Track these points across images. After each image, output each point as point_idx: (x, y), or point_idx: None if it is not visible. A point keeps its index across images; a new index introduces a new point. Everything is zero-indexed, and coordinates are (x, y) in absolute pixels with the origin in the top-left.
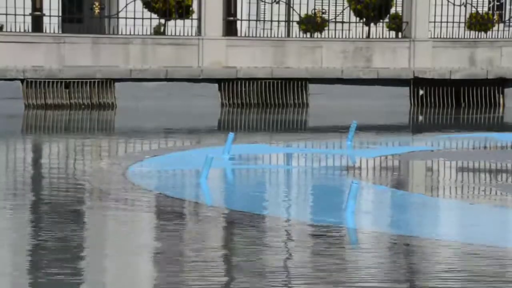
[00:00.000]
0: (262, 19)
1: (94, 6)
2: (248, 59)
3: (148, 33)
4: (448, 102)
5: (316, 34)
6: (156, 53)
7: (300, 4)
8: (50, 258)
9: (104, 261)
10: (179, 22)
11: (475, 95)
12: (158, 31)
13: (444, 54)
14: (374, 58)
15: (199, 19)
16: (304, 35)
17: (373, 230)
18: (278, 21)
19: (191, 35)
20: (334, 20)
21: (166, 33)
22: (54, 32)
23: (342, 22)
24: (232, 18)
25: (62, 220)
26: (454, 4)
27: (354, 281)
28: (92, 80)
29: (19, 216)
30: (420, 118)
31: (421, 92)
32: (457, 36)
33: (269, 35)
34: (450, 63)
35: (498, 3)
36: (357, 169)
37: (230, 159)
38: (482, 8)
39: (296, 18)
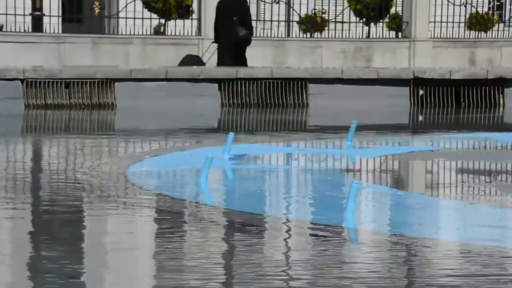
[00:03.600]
0: (262, 19)
1: (94, 6)
2: (248, 59)
3: (148, 33)
4: (448, 102)
5: (316, 34)
6: (156, 53)
7: (300, 4)
8: (48, 258)
9: (103, 261)
10: (179, 22)
11: (475, 95)
12: (158, 31)
13: (444, 54)
14: (374, 58)
15: (199, 19)
16: (304, 35)
17: (373, 229)
18: (278, 21)
19: (191, 35)
20: (334, 20)
21: (166, 33)
22: (54, 32)
23: (342, 22)
24: None
25: (61, 219)
26: (454, 4)
27: (354, 281)
28: (92, 80)
29: (18, 215)
30: (420, 118)
31: (421, 92)
32: (457, 36)
33: (269, 35)
34: (450, 63)
35: (498, 3)
36: (357, 169)
37: (230, 159)
38: (482, 8)
39: (296, 18)
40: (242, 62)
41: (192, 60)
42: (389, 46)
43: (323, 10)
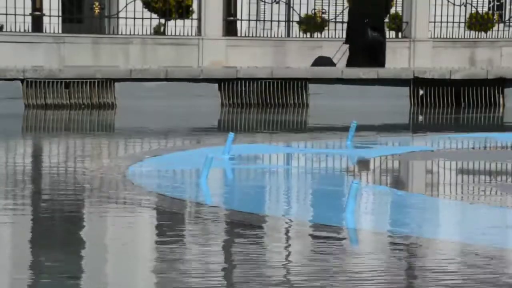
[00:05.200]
0: (262, 19)
1: (94, 6)
2: (248, 59)
3: (148, 33)
4: (448, 102)
5: (316, 34)
6: (156, 53)
7: (300, 4)
8: (48, 258)
9: (103, 260)
10: (179, 22)
11: (475, 95)
12: (158, 31)
13: (444, 54)
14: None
15: (199, 19)
16: (304, 35)
17: (373, 230)
18: (278, 21)
19: (191, 35)
20: (334, 20)
21: (166, 33)
22: (54, 32)
23: (342, 22)
24: (232, 18)
25: (61, 219)
26: (454, 4)
27: (353, 281)
28: (92, 80)
29: (18, 215)
30: (420, 118)
31: (421, 92)
32: (457, 36)
33: (269, 35)
34: (450, 63)
35: (498, 3)
36: (357, 169)
37: (230, 159)
38: (482, 8)
39: (296, 18)
40: (380, 63)
41: (323, 61)
42: (389, 46)
43: (323, 10)
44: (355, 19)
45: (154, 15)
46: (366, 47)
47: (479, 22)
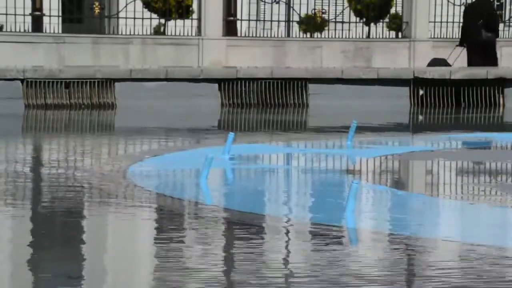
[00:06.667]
0: (262, 19)
1: (94, 6)
2: (248, 59)
3: (148, 33)
4: (448, 102)
5: (316, 34)
6: (156, 53)
7: (300, 4)
8: (48, 259)
9: (103, 261)
10: (179, 22)
11: (475, 95)
12: (158, 31)
13: (444, 54)
14: (374, 58)
15: (199, 19)
16: (304, 35)
17: (373, 230)
18: (278, 21)
19: (191, 35)
20: (334, 20)
21: (166, 33)
22: (54, 32)
23: (342, 22)
24: (232, 18)
25: (61, 220)
26: (454, 4)
27: (353, 281)
28: (92, 80)
29: (18, 215)
30: (420, 118)
31: (421, 92)
32: (457, 36)
33: (269, 35)
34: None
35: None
36: (357, 169)
37: (230, 159)
38: None
39: (296, 18)
40: (493, 62)
41: (438, 62)
42: (389, 46)
43: (323, 10)
44: (470, 20)
45: (154, 15)
46: (480, 47)
47: None
